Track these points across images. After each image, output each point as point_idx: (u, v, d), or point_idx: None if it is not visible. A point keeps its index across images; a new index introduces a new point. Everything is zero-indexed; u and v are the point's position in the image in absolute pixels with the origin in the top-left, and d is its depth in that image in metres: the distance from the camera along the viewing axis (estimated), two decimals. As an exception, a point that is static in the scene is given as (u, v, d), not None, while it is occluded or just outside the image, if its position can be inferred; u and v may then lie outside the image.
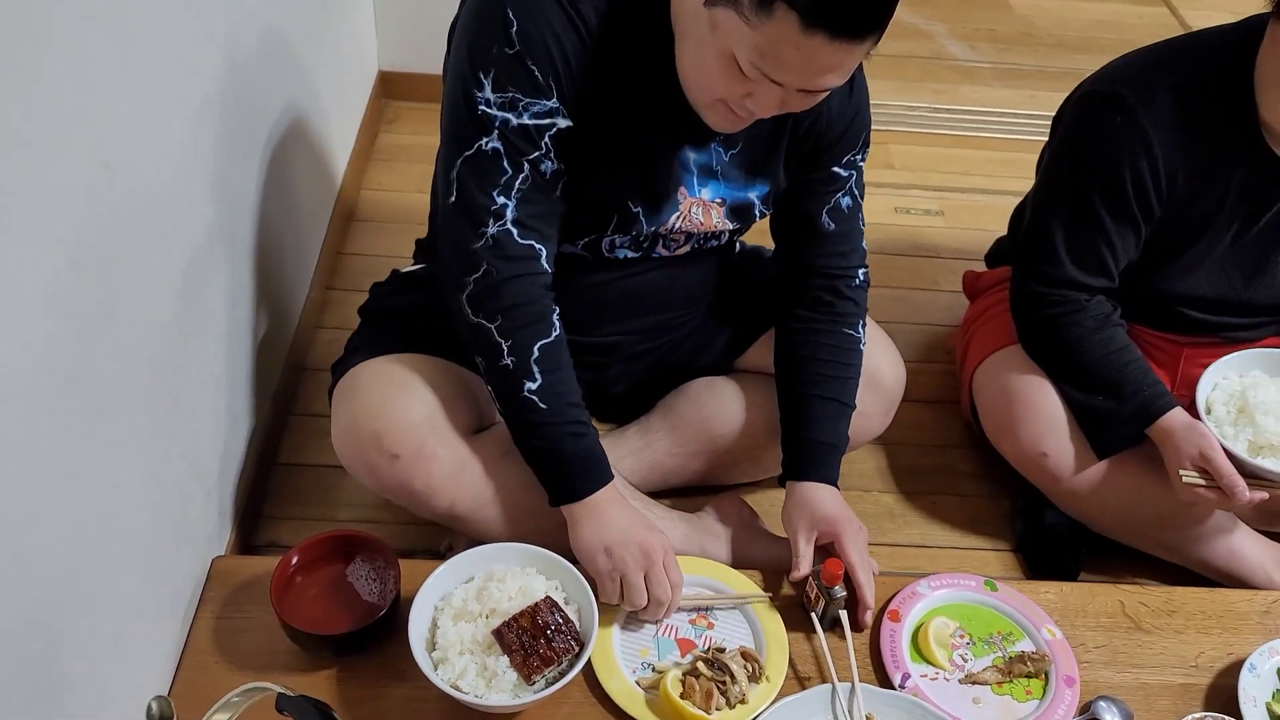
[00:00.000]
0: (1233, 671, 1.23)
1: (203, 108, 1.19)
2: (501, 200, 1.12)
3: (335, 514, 1.50)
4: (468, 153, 1.12)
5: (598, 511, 1.19)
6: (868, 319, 1.48)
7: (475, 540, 1.27)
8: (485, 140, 1.11)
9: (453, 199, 1.14)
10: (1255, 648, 1.24)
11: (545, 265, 1.16)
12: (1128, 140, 1.34)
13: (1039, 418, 1.45)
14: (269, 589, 1.14)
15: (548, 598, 1.12)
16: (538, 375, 1.15)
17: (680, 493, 1.51)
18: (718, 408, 1.46)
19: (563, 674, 1.09)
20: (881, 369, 1.44)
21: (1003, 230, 1.81)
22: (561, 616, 1.10)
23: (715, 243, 1.36)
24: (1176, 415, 1.34)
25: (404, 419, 1.24)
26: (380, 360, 1.30)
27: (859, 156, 1.31)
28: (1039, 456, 1.45)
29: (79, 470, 0.93)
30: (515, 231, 1.13)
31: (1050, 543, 1.54)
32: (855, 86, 1.25)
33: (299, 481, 1.53)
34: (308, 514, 1.49)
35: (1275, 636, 1.27)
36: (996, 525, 1.59)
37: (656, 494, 1.47)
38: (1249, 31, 1.31)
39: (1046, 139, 1.54)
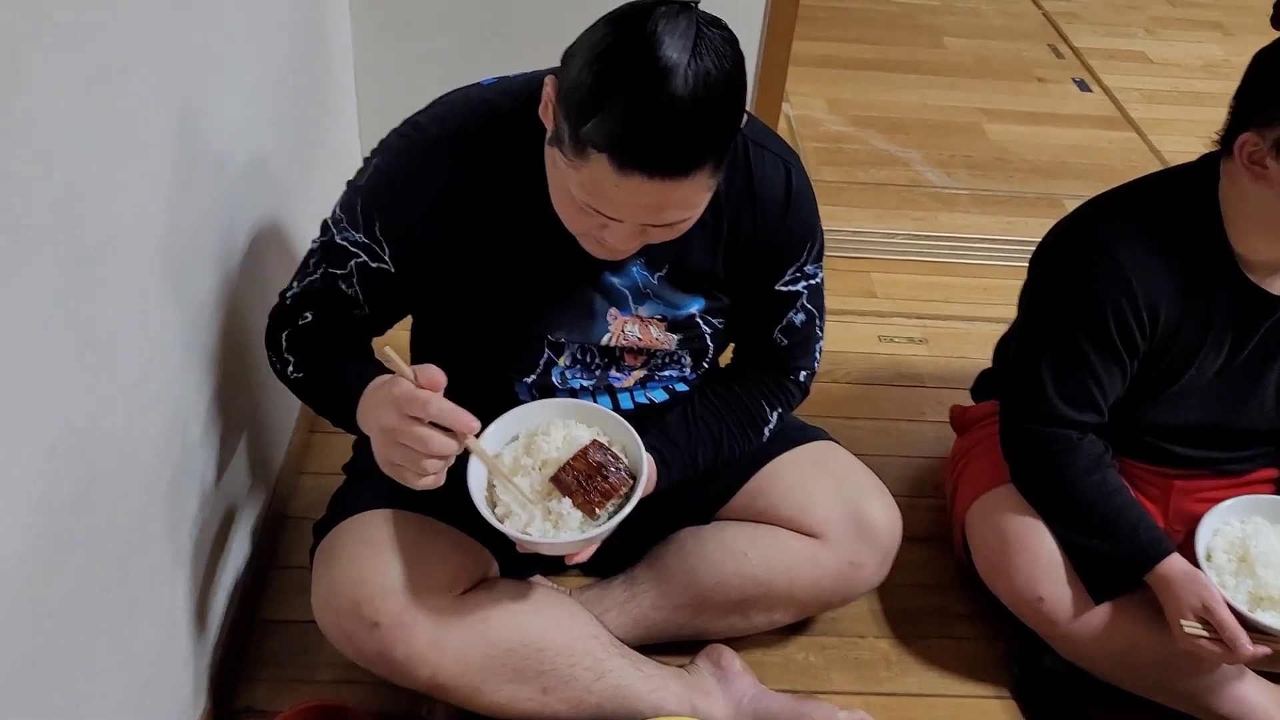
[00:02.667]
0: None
1: (170, 238, 1.19)
2: (293, 284, 1.25)
3: (316, 675, 1.45)
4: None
5: (363, 423, 1.15)
6: (854, 461, 1.47)
7: (456, 710, 1.23)
8: (314, 239, 1.24)
9: None
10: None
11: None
12: (1107, 279, 1.35)
13: (1034, 561, 1.43)
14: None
15: (594, 440, 1.17)
16: (290, 357, 1.24)
17: (669, 648, 1.47)
18: (704, 557, 1.43)
19: (620, 507, 1.15)
20: (875, 517, 1.42)
21: (985, 358, 1.81)
22: (611, 455, 1.16)
23: (674, 370, 1.34)
24: (1175, 562, 1.32)
25: (383, 584, 1.21)
26: (361, 520, 1.29)
27: (810, 267, 1.30)
28: (1035, 600, 1.42)
29: (41, 659, 0.90)
30: (290, 304, 1.25)
31: (1050, 689, 1.50)
32: (793, 195, 1.23)
33: (279, 639, 1.49)
34: (287, 675, 1.45)
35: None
36: (994, 670, 1.55)
37: (644, 649, 1.43)
38: (1215, 166, 1.34)
39: (1027, 271, 1.55)
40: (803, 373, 1.39)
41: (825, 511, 1.41)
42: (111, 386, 1.00)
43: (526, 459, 1.18)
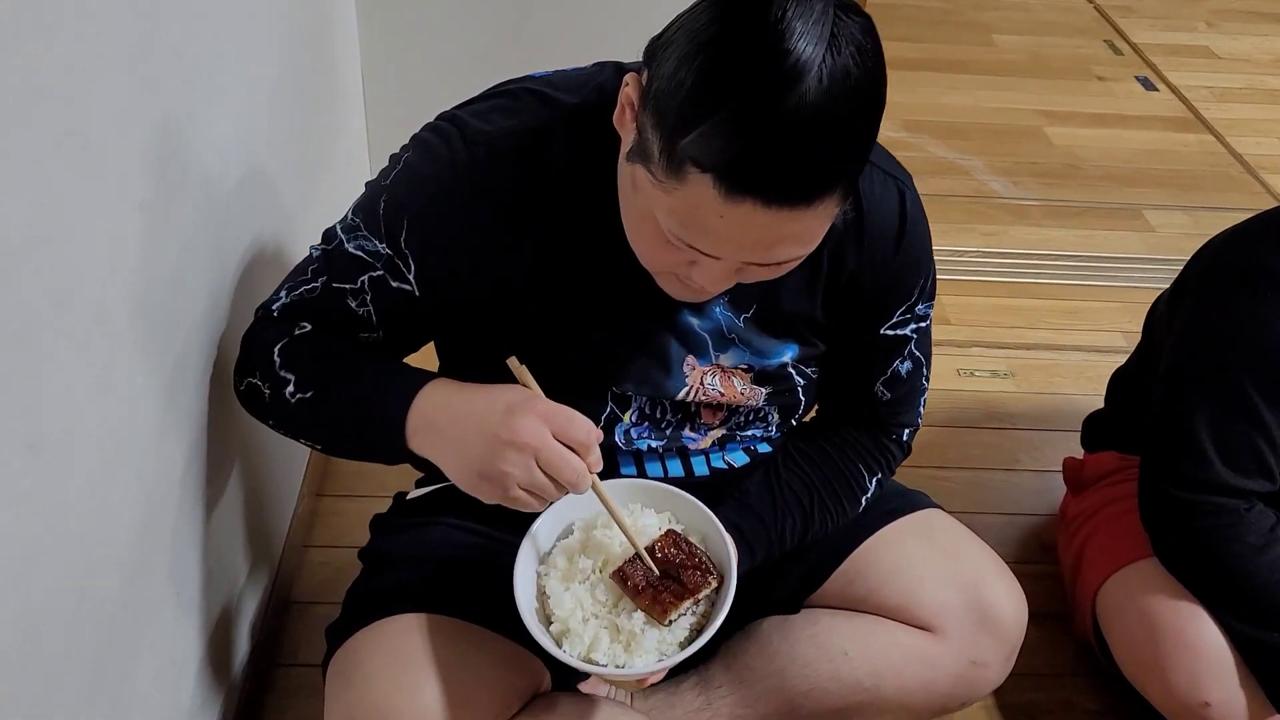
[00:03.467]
0: None
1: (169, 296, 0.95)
2: (282, 294, 1.01)
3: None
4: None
5: (434, 433, 0.91)
6: (965, 532, 1.23)
7: None
8: (314, 248, 1.01)
9: None
10: None
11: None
12: None
13: (1197, 657, 1.18)
14: None
15: (669, 531, 0.95)
16: (288, 374, 0.97)
17: (752, 762, 1.23)
18: (794, 657, 1.18)
19: (706, 616, 0.92)
20: (999, 604, 1.17)
21: (1079, 393, 1.59)
22: (687, 548, 0.94)
23: (759, 428, 1.11)
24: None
25: (417, 713, 0.98)
26: (385, 628, 1.05)
27: (921, 307, 1.07)
28: (1199, 707, 1.18)
29: None
30: (279, 316, 1.01)
31: (1214, 810, 1.25)
32: (908, 223, 1.01)
33: (282, 756, 1.25)
34: (292, 803, 1.21)
35: None
36: (1139, 782, 1.30)
37: (722, 766, 1.19)
38: None
39: (1168, 299, 1.31)
40: (905, 430, 1.17)
41: (939, 598, 1.17)
42: (63, 492, 0.76)
43: (584, 560, 0.95)
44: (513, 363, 0.89)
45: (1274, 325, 1.13)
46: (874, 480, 1.16)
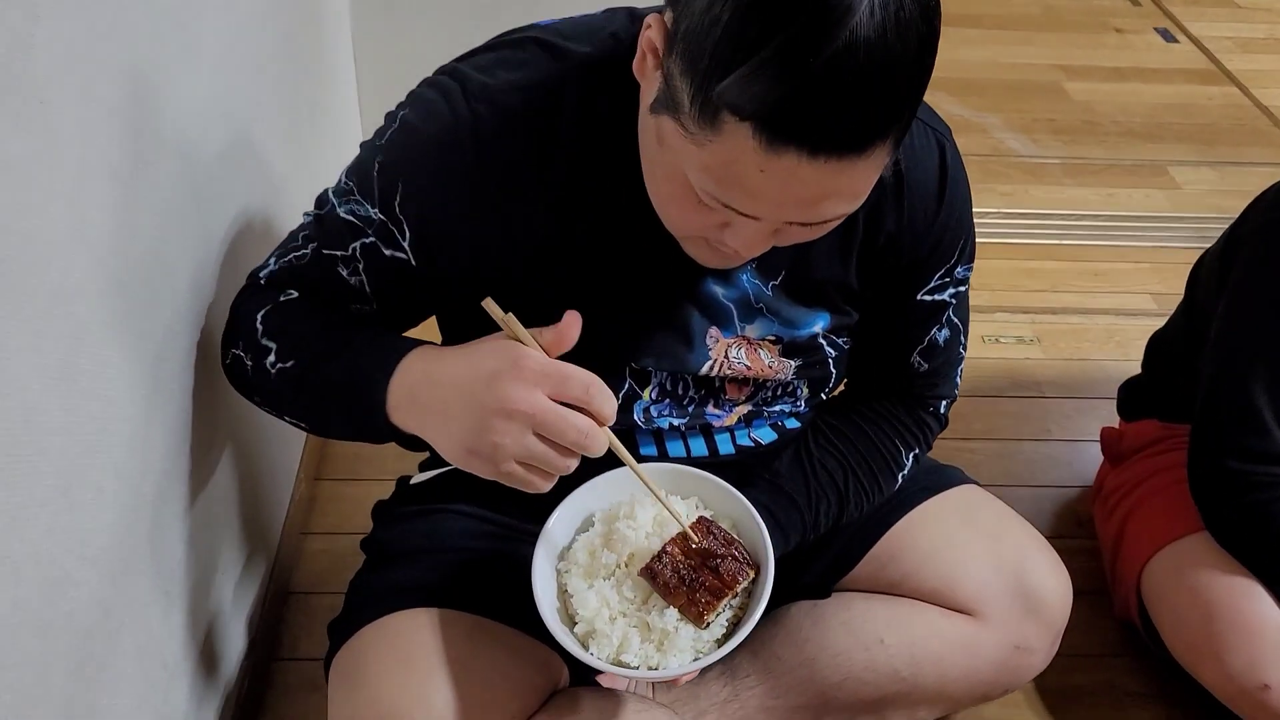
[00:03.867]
0: None
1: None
2: (270, 261, 0.94)
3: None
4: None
5: (416, 407, 0.82)
6: (1006, 510, 1.16)
7: None
8: (307, 213, 0.94)
9: None
10: None
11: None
12: None
13: (1255, 638, 1.12)
14: None
15: (699, 519, 0.87)
16: (269, 342, 0.89)
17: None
18: (825, 646, 1.11)
19: (743, 608, 0.86)
20: (1043, 586, 1.10)
21: (1108, 358, 1.51)
22: (721, 536, 0.86)
23: (786, 403, 1.04)
24: None
25: (426, 715, 0.90)
26: (392, 625, 0.98)
27: (961, 269, 1.00)
28: (1259, 690, 1.11)
29: None
30: (265, 283, 0.94)
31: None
32: (949, 179, 0.93)
33: (284, 757, 1.18)
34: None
35: None
36: (1189, 769, 1.24)
37: (751, 761, 1.13)
38: None
39: (1218, 257, 1.22)
40: (943, 402, 1.09)
41: (981, 581, 1.10)
42: (31, 491, 0.68)
43: (608, 555, 0.88)
44: (491, 306, 0.78)
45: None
46: (911, 456, 1.09)
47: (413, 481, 1.12)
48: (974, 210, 1.01)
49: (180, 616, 0.99)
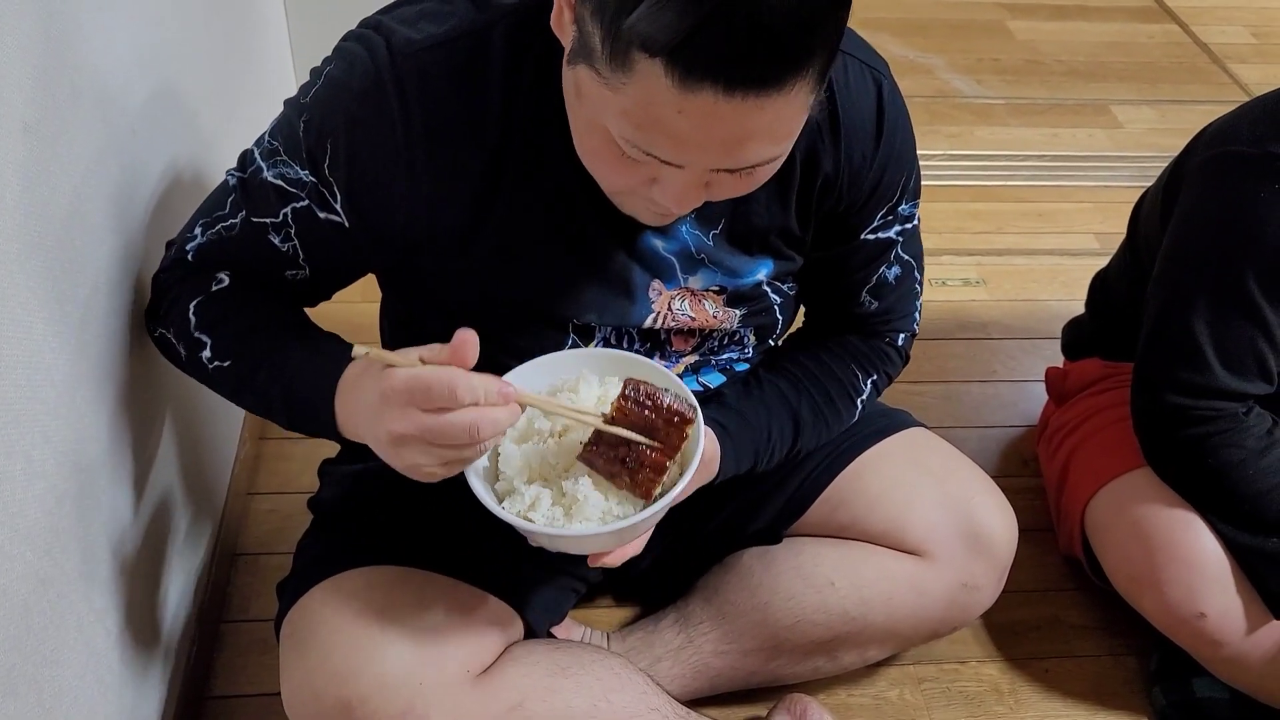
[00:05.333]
0: None
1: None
2: (197, 231, 0.91)
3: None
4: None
5: (352, 433, 0.84)
6: (953, 451, 1.17)
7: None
8: (230, 173, 0.91)
9: None
10: None
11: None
12: None
13: (1192, 568, 1.14)
14: None
15: (626, 380, 0.82)
16: (203, 336, 0.89)
17: (736, 697, 1.18)
18: (777, 590, 1.12)
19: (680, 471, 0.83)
20: (989, 524, 1.12)
21: (1052, 298, 1.51)
22: (651, 399, 0.81)
23: (734, 351, 1.04)
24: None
25: (379, 675, 0.90)
26: (340, 583, 0.97)
27: (905, 206, 0.99)
28: (1195, 618, 1.14)
29: None
30: (194, 260, 0.92)
31: None
32: (886, 117, 0.91)
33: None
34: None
35: None
36: (1128, 696, 1.27)
37: (702, 702, 1.14)
38: None
39: (1159, 195, 1.23)
40: (900, 335, 1.09)
41: (929, 522, 1.12)
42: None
43: (543, 422, 0.86)
44: (358, 351, 0.77)
45: (1278, 219, 1.06)
46: (869, 382, 1.07)
47: (359, 439, 1.10)
48: (920, 153, 1.00)
49: (123, 583, 0.97)
